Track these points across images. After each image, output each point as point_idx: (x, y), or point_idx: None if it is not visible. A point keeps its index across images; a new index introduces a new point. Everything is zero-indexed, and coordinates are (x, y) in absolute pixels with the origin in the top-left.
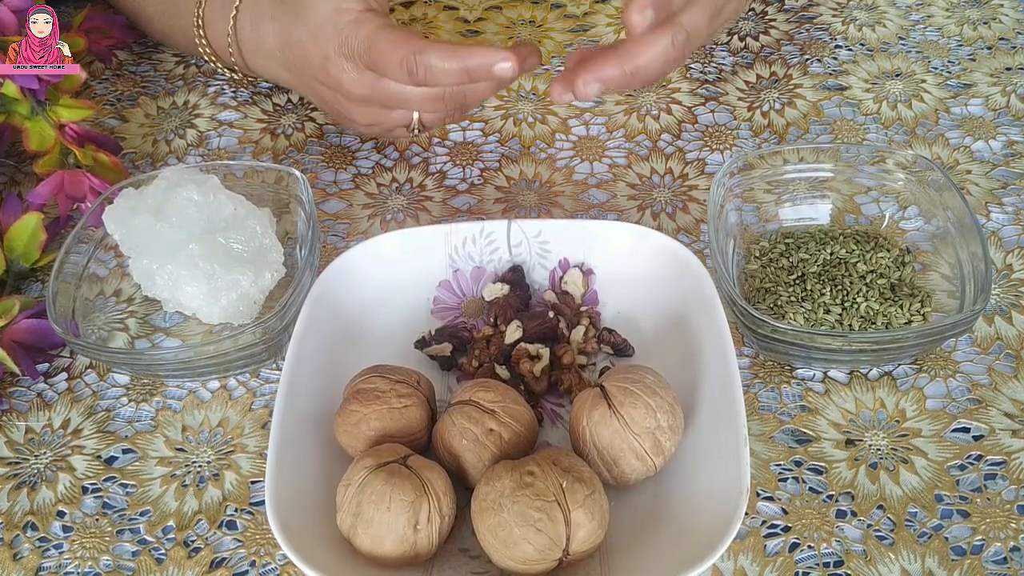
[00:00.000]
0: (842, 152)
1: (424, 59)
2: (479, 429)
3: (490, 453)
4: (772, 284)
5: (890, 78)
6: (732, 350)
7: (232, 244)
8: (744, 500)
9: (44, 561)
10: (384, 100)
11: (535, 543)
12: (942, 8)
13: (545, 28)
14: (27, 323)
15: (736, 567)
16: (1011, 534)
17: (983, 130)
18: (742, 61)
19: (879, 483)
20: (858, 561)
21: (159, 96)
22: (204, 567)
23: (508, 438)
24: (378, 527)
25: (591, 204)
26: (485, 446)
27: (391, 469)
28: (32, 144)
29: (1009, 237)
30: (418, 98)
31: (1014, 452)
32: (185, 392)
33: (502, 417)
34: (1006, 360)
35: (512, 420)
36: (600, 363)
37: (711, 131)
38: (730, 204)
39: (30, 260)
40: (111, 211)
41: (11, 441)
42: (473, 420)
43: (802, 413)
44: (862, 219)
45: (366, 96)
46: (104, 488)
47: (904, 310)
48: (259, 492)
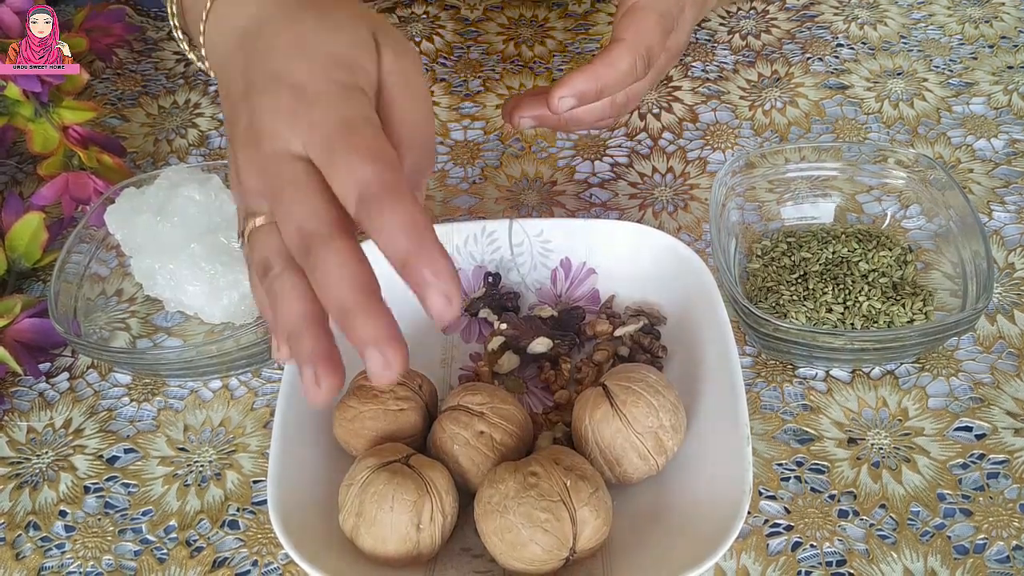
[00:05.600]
0: (844, 151)
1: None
2: (469, 433)
3: (483, 456)
4: (774, 283)
5: (892, 77)
6: (734, 349)
7: (234, 243)
8: (747, 499)
9: (46, 561)
10: (281, 189)
11: (542, 544)
12: (944, 6)
13: (546, 27)
14: (29, 322)
15: (739, 566)
16: (1014, 533)
17: (985, 129)
18: (743, 60)
19: (881, 482)
20: (860, 560)
21: (160, 95)
22: (206, 567)
23: (500, 439)
24: (381, 527)
25: (593, 203)
26: (478, 449)
27: (393, 468)
28: (36, 146)
29: (1011, 236)
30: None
31: (1017, 451)
32: (187, 392)
33: (491, 418)
34: (1008, 359)
35: (502, 420)
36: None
37: (713, 130)
38: (732, 203)
39: (32, 259)
40: (113, 211)
41: (13, 441)
42: (462, 424)
43: (804, 412)
44: (864, 218)
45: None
46: (106, 488)
47: (906, 309)
48: (261, 491)
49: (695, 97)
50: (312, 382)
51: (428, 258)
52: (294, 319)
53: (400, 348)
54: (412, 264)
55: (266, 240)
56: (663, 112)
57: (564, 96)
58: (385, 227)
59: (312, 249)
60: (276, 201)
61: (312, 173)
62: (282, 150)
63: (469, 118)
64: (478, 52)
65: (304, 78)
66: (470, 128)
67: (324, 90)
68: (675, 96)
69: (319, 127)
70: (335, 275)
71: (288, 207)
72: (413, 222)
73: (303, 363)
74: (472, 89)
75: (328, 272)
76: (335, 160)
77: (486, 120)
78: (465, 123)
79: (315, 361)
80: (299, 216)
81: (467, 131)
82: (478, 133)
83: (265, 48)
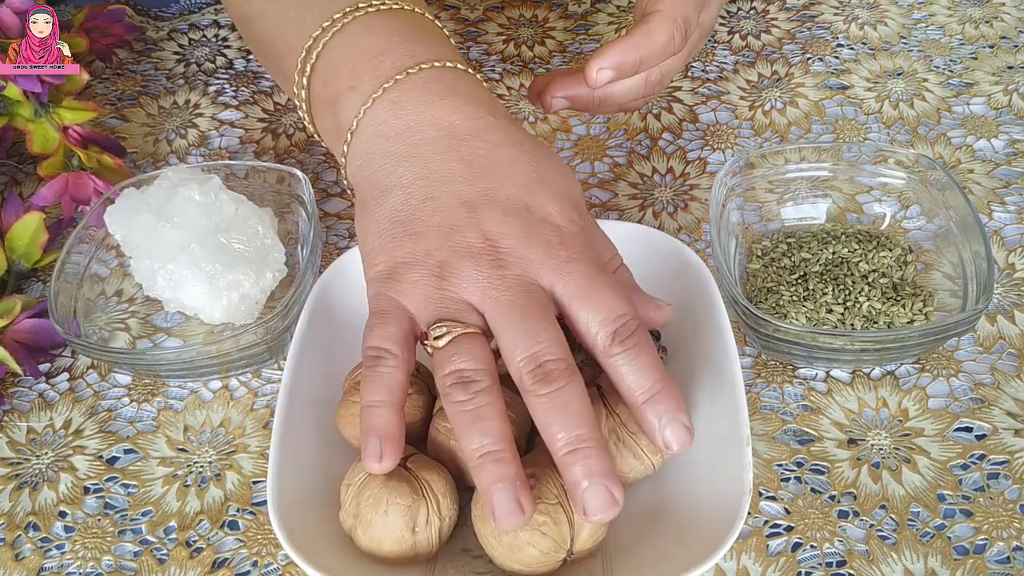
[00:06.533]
0: (844, 151)
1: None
2: None
3: None
4: (774, 283)
5: (892, 77)
6: (734, 350)
7: (234, 244)
8: (747, 500)
9: (46, 561)
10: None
11: (540, 547)
12: (944, 7)
13: (546, 27)
14: (29, 323)
15: (739, 567)
16: (1014, 533)
17: (985, 129)
18: (743, 60)
19: (882, 483)
20: (861, 561)
21: (160, 95)
22: (206, 567)
23: None
24: (376, 529)
25: (592, 204)
26: None
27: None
28: (36, 147)
29: (1012, 236)
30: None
31: (1017, 451)
32: (187, 392)
33: None
34: (1009, 359)
35: None
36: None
37: (712, 130)
38: (732, 203)
39: (31, 260)
40: (112, 211)
41: (13, 441)
42: None
43: (804, 413)
44: (864, 218)
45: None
46: (106, 488)
47: (906, 309)
48: (261, 492)
49: (695, 97)
50: (513, 503)
51: (669, 393)
52: (494, 439)
53: (621, 488)
54: (655, 401)
55: (475, 350)
56: (663, 112)
57: (603, 68)
58: (637, 363)
59: (555, 376)
60: (516, 321)
61: (553, 309)
62: (530, 276)
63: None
64: (478, 52)
65: (558, 219)
66: None
67: (574, 231)
68: (675, 96)
69: (576, 267)
70: (576, 406)
71: (535, 330)
72: (658, 363)
73: (501, 486)
74: None
75: (568, 403)
76: (595, 298)
77: None
78: None
79: (515, 483)
80: (545, 341)
81: None
82: None
83: (495, 167)
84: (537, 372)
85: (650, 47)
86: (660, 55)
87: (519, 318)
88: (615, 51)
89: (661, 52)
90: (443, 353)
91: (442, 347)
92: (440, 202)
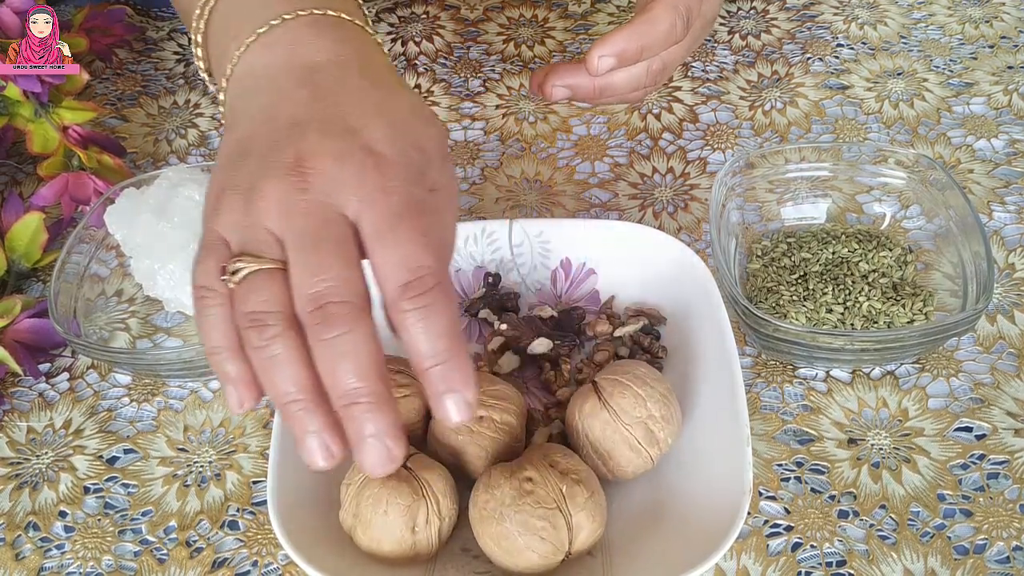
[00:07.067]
0: (844, 151)
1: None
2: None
3: (489, 439)
4: (774, 283)
5: (892, 77)
6: (734, 349)
7: None
8: (747, 500)
9: (46, 561)
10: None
11: (539, 551)
12: (944, 6)
13: (546, 27)
14: (29, 323)
15: (739, 567)
16: (1014, 533)
17: (985, 129)
18: (743, 60)
19: (881, 482)
20: (860, 561)
21: (160, 95)
22: (206, 567)
23: (501, 418)
24: (376, 529)
25: (593, 203)
26: (482, 434)
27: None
28: (36, 147)
29: (1011, 236)
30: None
31: (1017, 451)
32: (187, 392)
33: (487, 400)
34: (1008, 359)
35: (498, 400)
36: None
37: (712, 130)
38: (732, 203)
39: (31, 260)
40: (112, 211)
41: (13, 441)
42: None
43: (804, 413)
44: (864, 218)
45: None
46: (106, 488)
47: (906, 309)
48: (261, 492)
49: (695, 97)
50: (323, 451)
51: (458, 364)
52: (296, 388)
53: (403, 442)
54: (440, 371)
55: (267, 289)
56: (663, 112)
57: (604, 55)
58: (424, 324)
59: (335, 321)
60: (307, 253)
61: (353, 242)
62: (335, 205)
63: (469, 118)
64: (478, 52)
65: (383, 146)
66: (470, 128)
67: (399, 162)
68: (675, 96)
69: (386, 198)
70: (354, 356)
71: (322, 266)
72: (453, 329)
73: (309, 434)
74: (472, 89)
75: (346, 352)
76: (394, 238)
77: (486, 120)
78: (465, 123)
79: (326, 431)
80: (331, 279)
81: (467, 131)
82: (478, 133)
83: (340, 93)
84: (317, 314)
85: (652, 35)
86: (662, 43)
87: (311, 249)
88: (617, 38)
89: (663, 40)
90: (237, 292)
91: (236, 284)
92: (274, 124)
